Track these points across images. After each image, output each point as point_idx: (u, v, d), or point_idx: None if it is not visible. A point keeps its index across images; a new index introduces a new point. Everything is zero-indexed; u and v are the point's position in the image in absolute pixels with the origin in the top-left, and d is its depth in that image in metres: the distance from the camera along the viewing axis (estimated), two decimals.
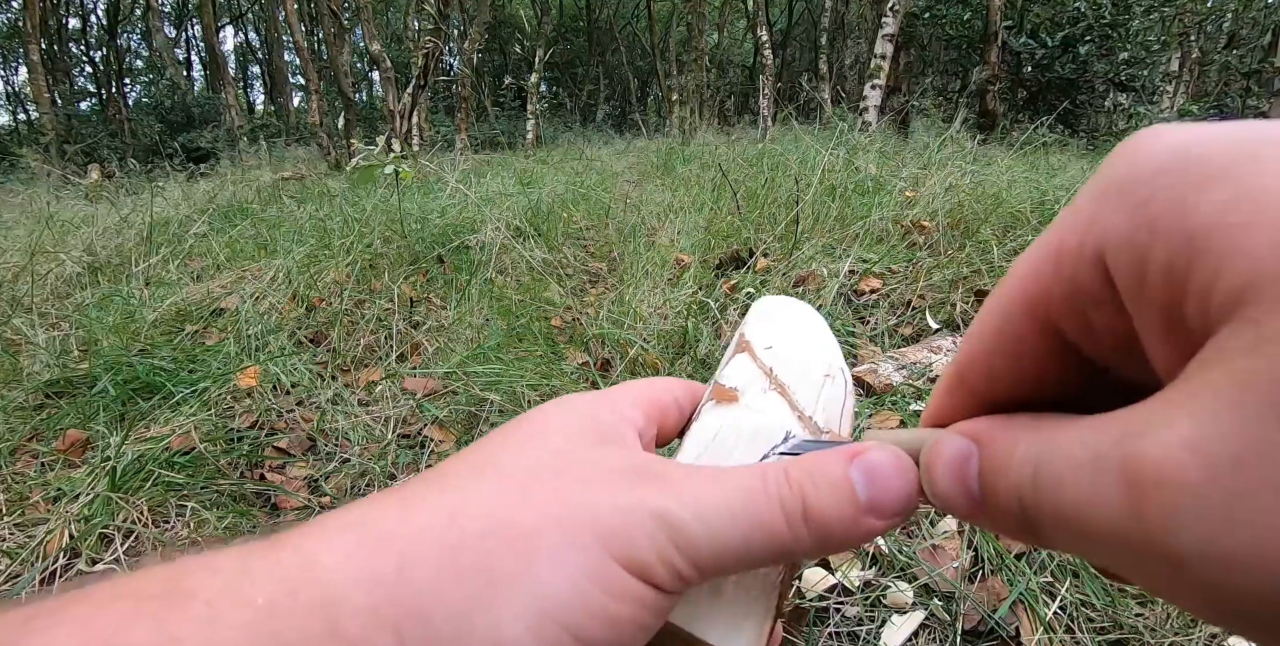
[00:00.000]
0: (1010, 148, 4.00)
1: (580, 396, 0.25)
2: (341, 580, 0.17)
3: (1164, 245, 0.13)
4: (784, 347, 0.28)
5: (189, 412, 1.47)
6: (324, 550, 0.18)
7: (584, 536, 0.19)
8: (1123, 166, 0.15)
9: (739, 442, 0.25)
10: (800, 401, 0.26)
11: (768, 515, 0.20)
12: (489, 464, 0.22)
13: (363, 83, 20.53)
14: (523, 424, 0.24)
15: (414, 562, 0.18)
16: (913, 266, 2.14)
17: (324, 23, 10.06)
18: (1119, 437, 0.14)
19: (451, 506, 0.19)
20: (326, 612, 0.17)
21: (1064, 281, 0.16)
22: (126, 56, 20.39)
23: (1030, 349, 0.18)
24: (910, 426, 1.42)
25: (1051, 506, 0.15)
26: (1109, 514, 0.13)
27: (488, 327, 1.93)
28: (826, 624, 0.92)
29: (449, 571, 0.18)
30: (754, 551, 0.20)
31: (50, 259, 2.58)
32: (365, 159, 3.01)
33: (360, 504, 0.21)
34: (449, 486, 0.21)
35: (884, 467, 0.20)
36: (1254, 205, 0.12)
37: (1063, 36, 7.79)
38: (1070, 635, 0.88)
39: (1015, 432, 0.17)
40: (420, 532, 0.19)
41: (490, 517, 0.19)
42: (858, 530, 0.20)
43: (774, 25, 16.64)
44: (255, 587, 0.17)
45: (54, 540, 1.12)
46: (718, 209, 3.14)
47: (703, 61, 11.90)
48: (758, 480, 0.21)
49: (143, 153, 10.80)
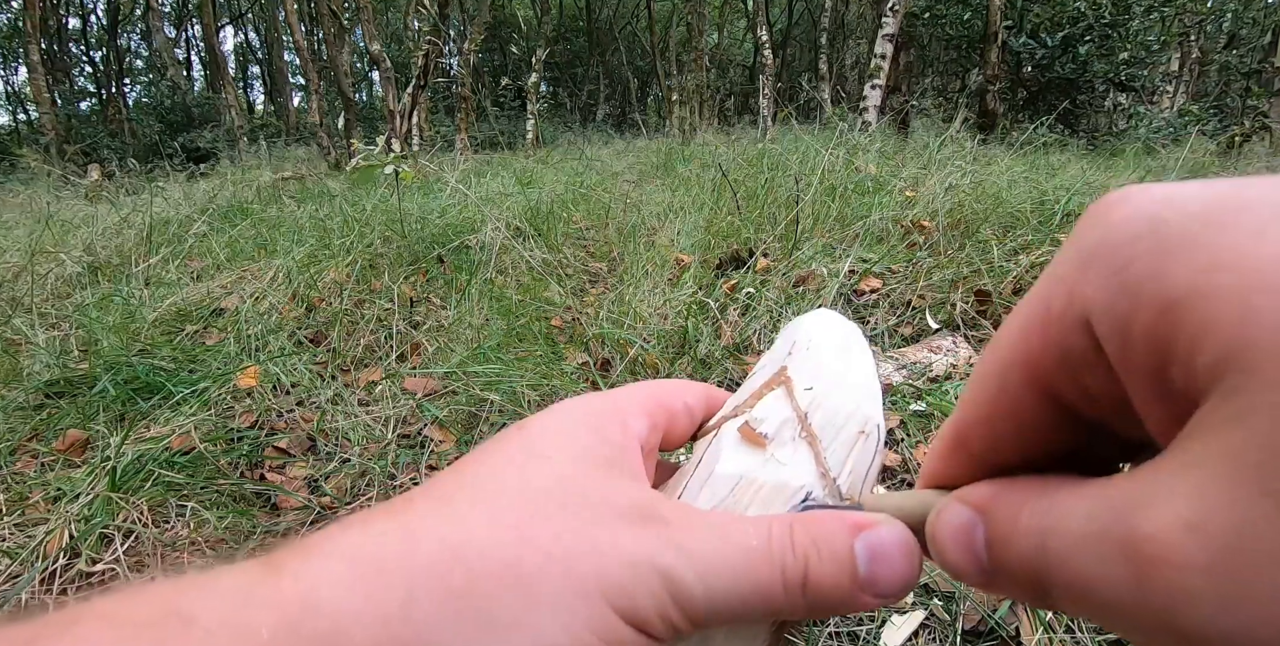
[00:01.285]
0: (1010, 148, 4.00)
1: (585, 403, 0.25)
2: (345, 615, 0.17)
3: (1145, 313, 0.13)
4: (825, 392, 0.26)
5: (189, 412, 1.47)
6: (326, 581, 0.18)
7: (588, 586, 0.19)
8: (1098, 231, 0.15)
9: (756, 499, 0.24)
10: (829, 458, 0.25)
11: (767, 580, 0.20)
12: (492, 488, 0.21)
13: (363, 83, 20.53)
14: (526, 438, 0.23)
15: (417, 601, 0.18)
16: (913, 266, 2.14)
17: (324, 23, 10.06)
18: (1121, 511, 0.14)
19: (455, 542, 0.19)
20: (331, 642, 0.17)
21: (1053, 347, 0.16)
22: (126, 56, 20.38)
23: (1028, 412, 0.18)
24: (909, 425, 1.42)
25: (1061, 580, 0.15)
26: (1116, 589, 0.13)
27: (488, 327, 1.93)
28: (826, 624, 0.92)
29: (451, 612, 0.18)
30: (748, 610, 0.20)
31: (50, 259, 2.58)
32: (365, 159, 3.01)
33: (359, 524, 0.20)
34: (452, 515, 0.20)
35: (889, 549, 0.21)
36: (1222, 273, 0.12)
37: (1063, 36, 7.78)
38: (1070, 635, 0.88)
39: (1018, 501, 0.17)
40: (423, 569, 0.19)
41: (494, 559, 0.19)
42: (850, 604, 0.21)
43: (774, 25, 16.64)
44: (257, 616, 0.17)
45: (54, 540, 1.12)
46: (718, 209, 3.14)
47: (703, 61, 11.90)
48: (763, 541, 0.21)
49: (143, 153, 10.80)
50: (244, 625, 0.17)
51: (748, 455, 0.25)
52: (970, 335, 1.78)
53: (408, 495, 0.22)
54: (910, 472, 1.25)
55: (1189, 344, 0.12)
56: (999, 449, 0.19)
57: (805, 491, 0.24)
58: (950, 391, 1.47)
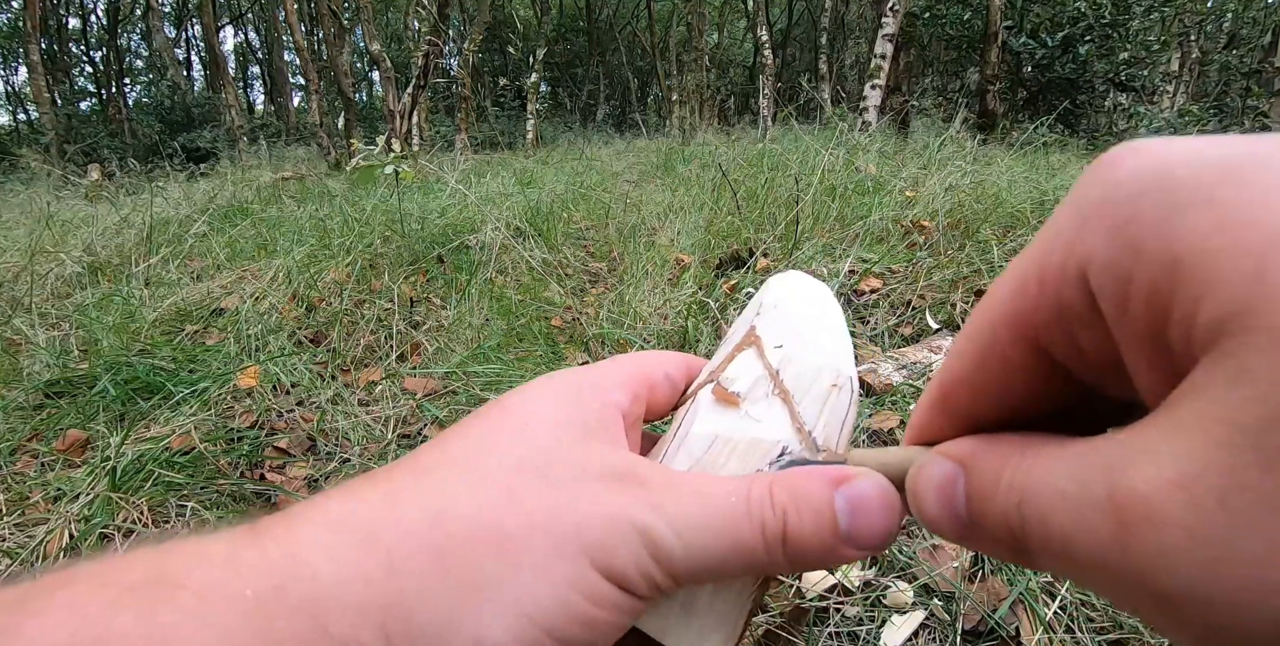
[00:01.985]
0: (1010, 148, 4.00)
1: (565, 376, 0.25)
2: (329, 578, 0.18)
3: (1147, 269, 0.13)
4: (795, 349, 0.26)
5: (189, 412, 1.47)
6: (311, 545, 0.18)
7: (568, 546, 0.19)
8: (1104, 184, 0.15)
9: (733, 456, 0.24)
10: (803, 412, 0.25)
11: (747, 536, 0.20)
12: (474, 459, 0.21)
13: (363, 83, 20.54)
14: (506, 410, 0.23)
15: (401, 564, 0.18)
16: (913, 266, 2.14)
17: (324, 23, 10.06)
18: (1106, 469, 0.14)
19: (437, 507, 0.19)
20: (314, 609, 0.17)
21: (1048, 301, 0.16)
22: (126, 56, 20.39)
23: (1017, 369, 0.17)
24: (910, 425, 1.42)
25: (1039, 535, 0.15)
26: (1097, 547, 0.13)
27: (488, 327, 1.93)
28: (826, 624, 0.92)
29: (435, 574, 0.18)
30: (728, 568, 0.20)
31: (50, 259, 2.58)
32: (365, 159, 3.01)
33: (342, 493, 0.21)
34: (434, 483, 0.20)
35: (869, 500, 0.21)
36: (1236, 232, 0.12)
37: (1063, 36, 7.78)
38: (1070, 635, 0.88)
39: (1001, 457, 0.17)
40: (407, 533, 0.19)
41: (476, 521, 0.19)
42: (832, 557, 0.21)
43: (774, 25, 16.64)
44: (244, 581, 0.17)
45: (54, 540, 1.12)
46: (718, 209, 3.14)
47: (703, 61, 11.90)
48: (741, 499, 0.21)
49: (143, 152, 10.80)
50: (230, 589, 0.17)
51: (722, 414, 0.25)
52: None
53: (389, 467, 0.22)
54: None
55: (1191, 302, 0.12)
56: (984, 406, 0.19)
57: (781, 446, 0.24)
58: None
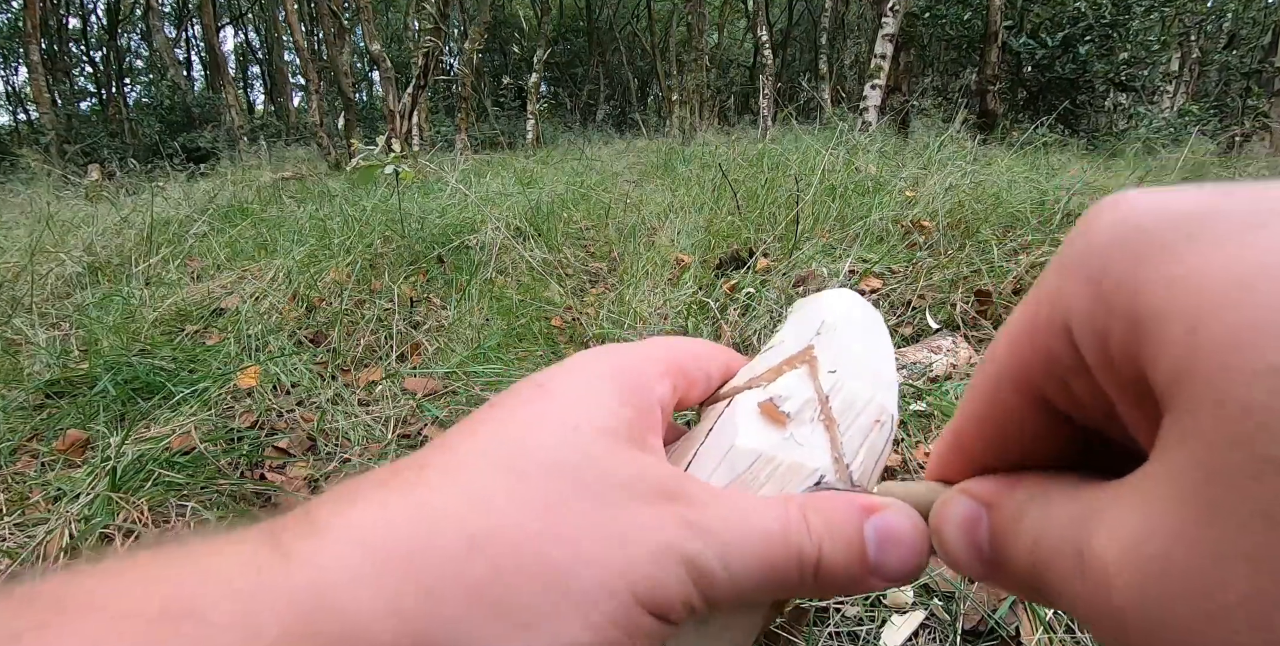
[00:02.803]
0: (1010, 148, 4.00)
1: (608, 359, 0.24)
2: (361, 612, 0.17)
3: (1118, 325, 0.13)
4: (848, 377, 0.26)
5: (189, 412, 1.47)
6: (339, 570, 0.17)
7: (616, 582, 0.19)
8: (1082, 237, 0.15)
9: (772, 477, 0.24)
10: (844, 444, 0.25)
11: (783, 564, 0.20)
12: (514, 462, 0.20)
13: (363, 83, 20.52)
14: (549, 396, 0.22)
15: (438, 595, 0.17)
16: (913, 266, 2.14)
17: (324, 23, 10.05)
18: (1080, 524, 0.14)
19: (478, 530, 0.18)
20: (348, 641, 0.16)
21: (1041, 354, 0.16)
22: (126, 56, 20.38)
23: (1022, 418, 0.18)
24: (910, 425, 1.42)
25: (1046, 581, 0.15)
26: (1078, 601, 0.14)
27: (488, 327, 1.93)
28: (826, 624, 0.92)
29: (474, 608, 0.17)
30: (762, 593, 0.21)
31: (50, 259, 2.58)
32: (365, 159, 3.01)
33: (367, 498, 0.19)
34: (472, 494, 0.19)
35: (899, 534, 0.21)
36: (1178, 290, 0.12)
37: (1063, 36, 7.79)
38: (1070, 635, 0.88)
39: (1021, 499, 0.17)
40: (444, 560, 0.18)
41: (518, 551, 0.18)
42: (858, 587, 0.21)
43: (774, 25, 16.64)
44: (267, 614, 0.16)
45: (54, 540, 1.12)
46: (718, 209, 3.14)
47: (703, 61, 11.90)
48: (781, 524, 0.21)
49: (143, 153, 10.81)
50: (253, 623, 0.16)
51: (767, 432, 0.25)
52: (970, 335, 1.78)
53: (419, 460, 0.20)
54: (910, 472, 1.24)
55: (1150, 363, 0.12)
56: (996, 451, 0.19)
57: (819, 475, 0.24)
58: (950, 391, 1.47)
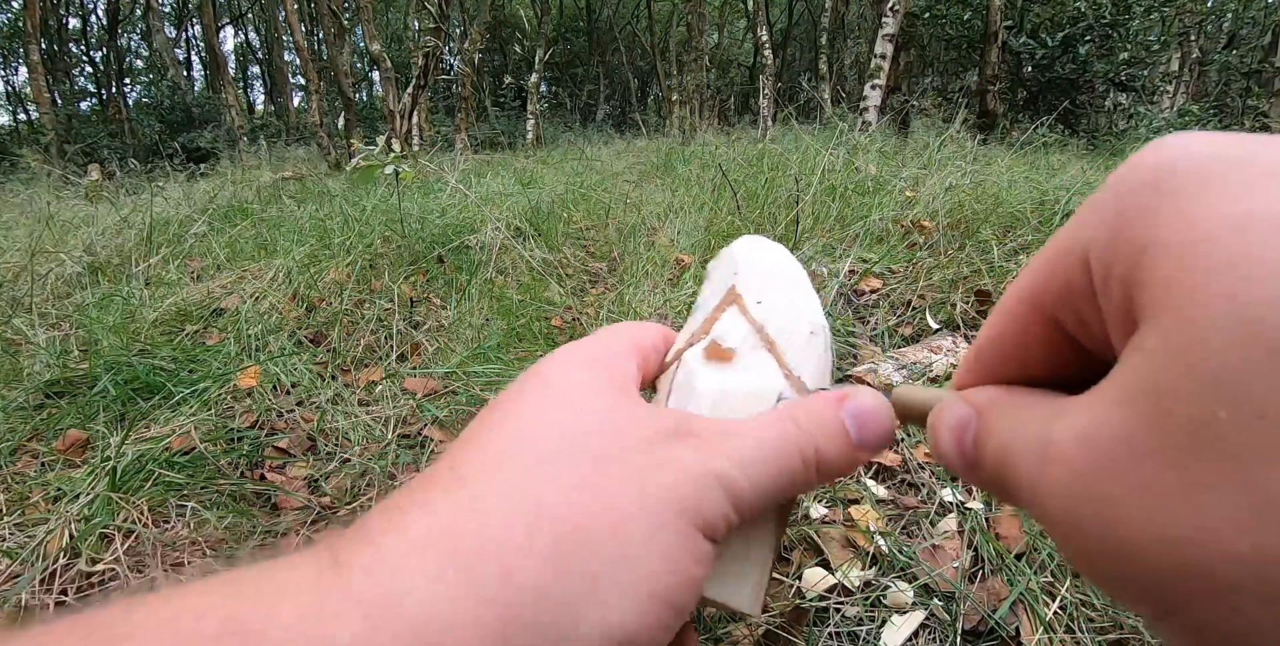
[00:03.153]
0: (1010, 148, 4.00)
1: (584, 348, 0.26)
2: (440, 607, 0.17)
3: (1121, 256, 0.14)
4: (773, 302, 0.29)
5: (189, 413, 1.47)
6: (403, 572, 0.17)
7: (667, 514, 0.20)
8: (1120, 175, 0.16)
9: (737, 407, 0.26)
10: (789, 360, 0.27)
11: (791, 463, 0.23)
12: (541, 442, 0.21)
13: (363, 83, 20.52)
14: (547, 383, 0.24)
15: (511, 574, 0.18)
16: (913, 266, 2.14)
17: (324, 23, 10.05)
18: (1046, 421, 0.16)
19: (529, 510, 0.19)
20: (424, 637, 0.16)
21: (1059, 280, 0.17)
22: (126, 56, 20.38)
23: (1035, 338, 0.19)
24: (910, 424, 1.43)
25: (1012, 477, 0.17)
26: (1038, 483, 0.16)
27: (488, 327, 1.93)
28: (826, 624, 0.92)
29: (549, 574, 0.18)
30: (779, 495, 0.23)
31: (50, 259, 2.58)
32: (365, 159, 3.01)
33: (414, 505, 0.20)
34: (511, 482, 0.20)
35: (870, 412, 0.24)
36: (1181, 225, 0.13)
37: (1063, 36, 7.78)
38: (1070, 635, 0.88)
39: (1006, 407, 0.19)
40: (509, 543, 0.18)
41: (573, 518, 0.19)
42: (852, 464, 0.24)
43: (774, 25, 16.63)
44: (334, 625, 0.16)
45: (54, 540, 1.12)
46: (718, 209, 3.14)
47: (703, 61, 11.90)
48: (778, 433, 0.23)
49: (143, 152, 10.81)
50: (320, 633, 0.16)
51: (719, 370, 0.27)
52: (970, 335, 1.78)
53: (451, 462, 0.21)
54: (910, 472, 1.24)
55: (1139, 286, 0.14)
56: (1009, 368, 0.21)
57: (777, 392, 0.26)
58: None
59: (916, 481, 1.22)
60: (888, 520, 1.11)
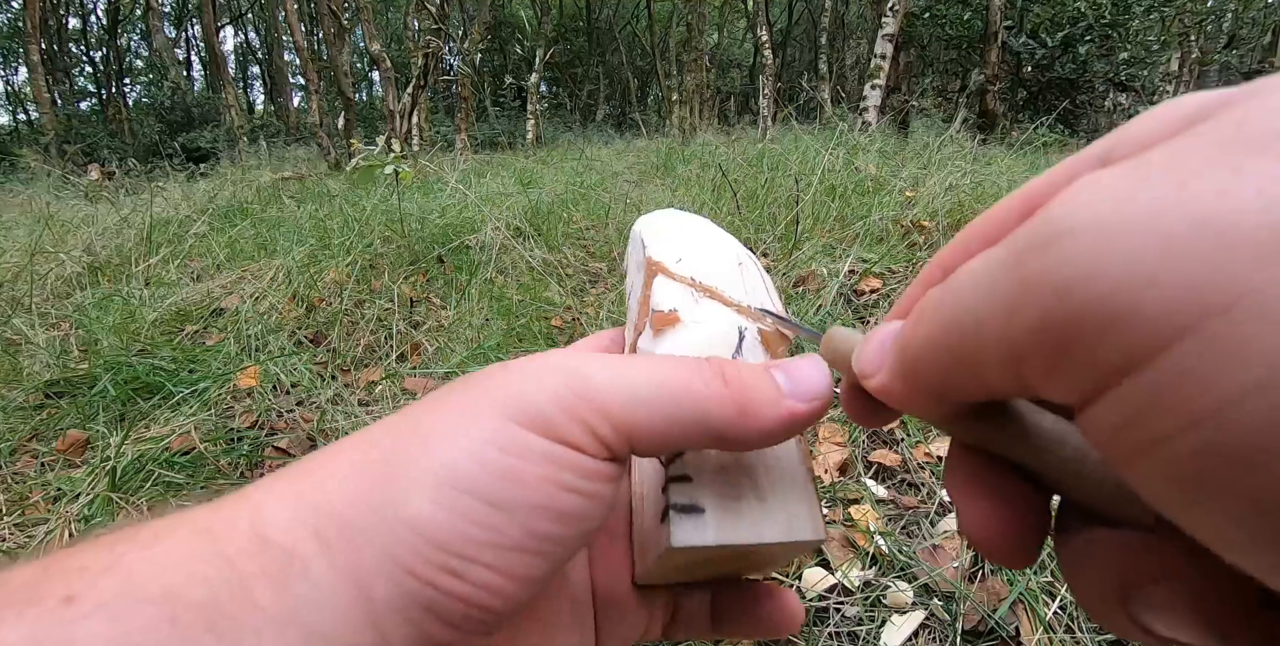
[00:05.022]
0: (1010, 148, 4.00)
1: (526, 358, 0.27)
2: (267, 502, 0.19)
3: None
4: (692, 255, 0.29)
5: (189, 412, 1.47)
6: (256, 488, 0.20)
7: (482, 408, 0.20)
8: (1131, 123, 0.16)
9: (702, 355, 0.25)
10: (733, 296, 0.28)
11: (686, 374, 0.21)
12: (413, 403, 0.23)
13: (363, 83, 20.53)
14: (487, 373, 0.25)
15: (331, 476, 0.19)
16: (913, 266, 2.14)
17: (324, 23, 10.05)
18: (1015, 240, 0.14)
19: (370, 431, 0.21)
20: (259, 527, 0.18)
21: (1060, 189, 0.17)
22: (126, 56, 20.38)
23: None
24: (909, 425, 1.42)
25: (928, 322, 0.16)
26: (988, 285, 0.14)
27: (488, 327, 1.93)
28: (826, 624, 0.92)
29: (358, 474, 0.19)
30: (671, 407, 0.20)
31: (50, 259, 2.58)
32: (365, 159, 3.01)
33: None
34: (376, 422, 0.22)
35: (801, 365, 0.23)
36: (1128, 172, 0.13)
37: (1063, 36, 7.78)
38: (1070, 635, 0.88)
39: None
40: (338, 453, 0.20)
41: (399, 425, 0.20)
42: (781, 406, 0.21)
43: (774, 25, 16.63)
44: (197, 520, 0.18)
45: (54, 540, 1.12)
46: (718, 209, 3.14)
47: (703, 61, 11.90)
48: (681, 358, 0.22)
49: (143, 152, 10.80)
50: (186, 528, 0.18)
51: (671, 336, 0.27)
52: None
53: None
54: (910, 472, 1.24)
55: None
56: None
57: (737, 327, 0.26)
58: None
59: (916, 481, 1.22)
60: (888, 520, 1.11)
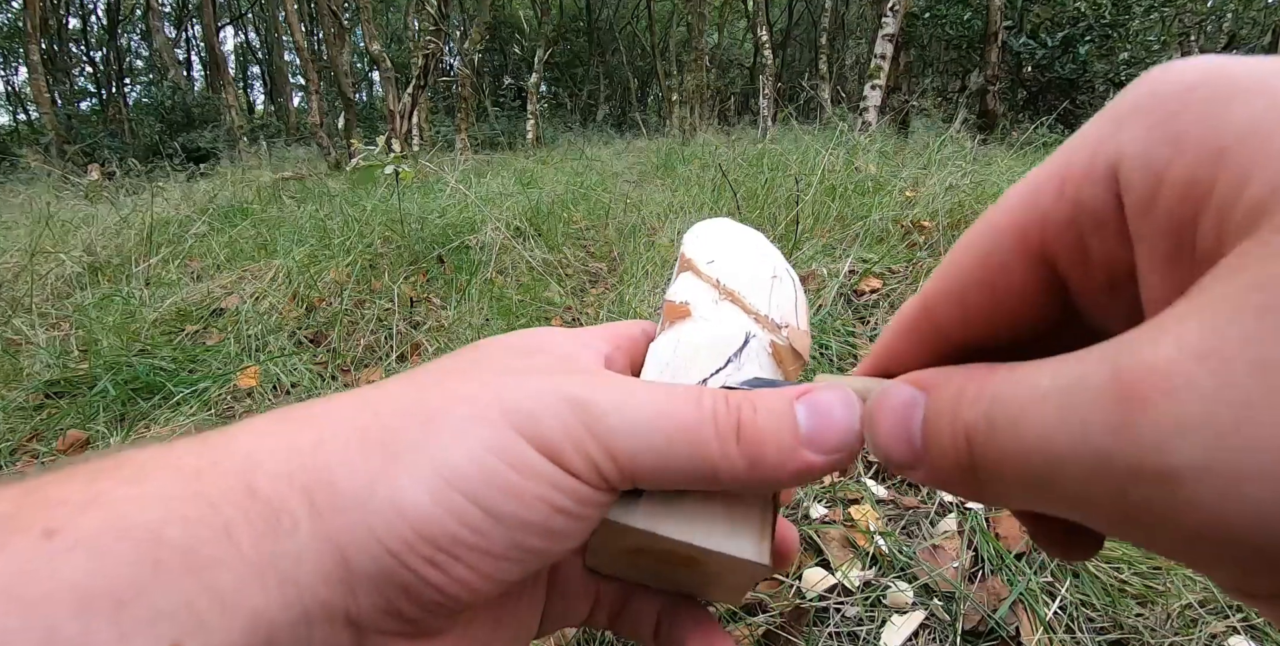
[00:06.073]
0: (1010, 148, 4.00)
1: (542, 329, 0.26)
2: (259, 450, 0.19)
3: (1187, 159, 0.13)
4: (726, 259, 0.29)
5: (189, 413, 1.47)
6: (245, 431, 0.20)
7: (490, 412, 0.20)
8: (1145, 88, 0.14)
9: (699, 351, 0.25)
10: (754, 304, 0.27)
11: (695, 423, 0.20)
12: (412, 370, 0.23)
13: (363, 83, 20.53)
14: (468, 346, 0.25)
15: (328, 439, 0.19)
16: (913, 266, 2.14)
17: (324, 23, 10.06)
18: (1111, 356, 0.12)
19: (369, 396, 0.21)
20: (245, 475, 0.18)
21: (1067, 203, 0.15)
22: (126, 56, 20.38)
23: (1014, 281, 0.17)
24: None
25: (1009, 441, 0.14)
26: (1083, 438, 0.12)
27: (488, 328, 1.93)
28: (826, 624, 0.92)
29: (356, 445, 0.19)
30: (678, 457, 0.19)
31: (50, 259, 2.58)
32: (365, 159, 3.01)
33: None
34: (371, 386, 0.22)
35: (830, 404, 0.20)
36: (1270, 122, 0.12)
37: (1063, 36, 7.78)
38: (1070, 635, 0.88)
39: (966, 377, 0.16)
40: (336, 414, 0.20)
41: (401, 400, 0.20)
42: (794, 461, 0.19)
43: (774, 25, 16.63)
44: (183, 459, 0.18)
45: None
46: (718, 209, 3.13)
47: (703, 61, 11.90)
48: (693, 393, 0.20)
49: (143, 153, 10.80)
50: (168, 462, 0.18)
51: (680, 326, 0.27)
52: None
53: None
54: None
55: (1234, 187, 0.12)
56: (967, 324, 0.18)
57: (745, 331, 0.26)
58: None
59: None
60: (888, 520, 1.11)
